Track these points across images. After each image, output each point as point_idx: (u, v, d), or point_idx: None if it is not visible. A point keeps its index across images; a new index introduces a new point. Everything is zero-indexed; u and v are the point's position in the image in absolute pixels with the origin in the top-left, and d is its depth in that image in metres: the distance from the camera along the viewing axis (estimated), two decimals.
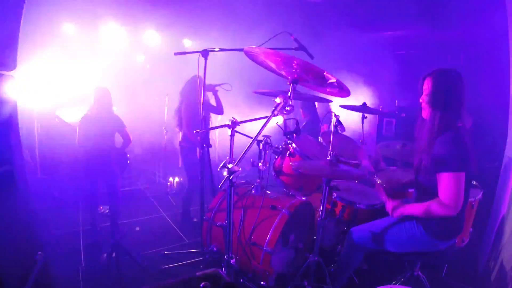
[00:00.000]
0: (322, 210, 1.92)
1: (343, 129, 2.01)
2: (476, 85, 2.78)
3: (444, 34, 3.41)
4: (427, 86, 1.68)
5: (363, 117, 2.85)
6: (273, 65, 1.65)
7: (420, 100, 1.73)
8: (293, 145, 2.24)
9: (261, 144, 2.25)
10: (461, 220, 1.72)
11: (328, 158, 1.87)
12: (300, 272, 2.08)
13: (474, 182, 2.34)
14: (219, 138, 5.84)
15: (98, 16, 4.56)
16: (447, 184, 1.53)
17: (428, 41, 3.58)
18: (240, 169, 1.37)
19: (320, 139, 2.65)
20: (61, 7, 4.10)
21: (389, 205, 1.81)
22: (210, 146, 2.52)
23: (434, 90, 1.64)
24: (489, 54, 2.99)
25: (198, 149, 3.10)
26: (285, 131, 2.25)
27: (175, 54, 2.44)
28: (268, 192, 2.30)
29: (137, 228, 3.41)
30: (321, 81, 1.64)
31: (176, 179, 4.92)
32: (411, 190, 2.24)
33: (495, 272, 2.19)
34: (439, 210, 1.56)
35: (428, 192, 1.65)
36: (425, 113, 1.72)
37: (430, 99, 1.66)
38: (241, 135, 2.02)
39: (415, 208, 1.69)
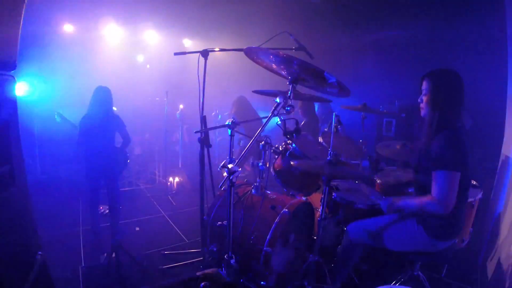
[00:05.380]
0: (322, 210, 1.92)
1: (344, 129, 2.01)
2: (474, 85, 2.78)
3: (443, 34, 3.41)
4: (426, 86, 1.69)
5: (363, 117, 2.85)
6: (273, 65, 1.65)
7: (419, 100, 1.74)
8: (293, 145, 2.24)
9: (260, 144, 2.26)
10: (460, 220, 1.73)
11: (328, 158, 1.87)
12: (300, 272, 2.07)
13: (474, 182, 2.34)
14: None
15: (98, 16, 4.56)
16: (440, 182, 1.54)
17: (427, 41, 3.58)
18: (240, 169, 1.37)
19: (320, 139, 2.65)
20: (61, 8, 4.10)
21: (384, 203, 1.82)
22: (210, 146, 2.52)
23: (432, 90, 1.65)
24: (487, 54, 2.99)
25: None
26: (285, 131, 2.25)
27: (175, 54, 2.44)
28: (268, 192, 2.30)
29: (137, 228, 3.41)
30: (321, 81, 1.64)
31: (176, 179, 4.93)
32: (411, 190, 2.24)
33: (493, 270, 2.20)
34: (430, 206, 1.57)
35: (427, 191, 1.65)
36: (424, 112, 1.72)
37: (429, 99, 1.67)
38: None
39: (409, 202, 1.71)
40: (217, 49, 2.37)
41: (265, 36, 1.97)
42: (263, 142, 2.25)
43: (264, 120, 1.51)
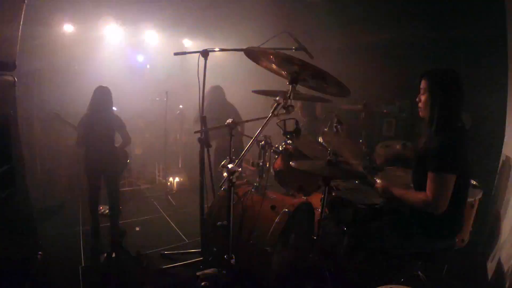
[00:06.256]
0: (322, 210, 1.92)
1: (344, 128, 2.02)
2: (475, 85, 2.78)
3: (444, 34, 3.41)
4: (424, 85, 1.68)
5: (363, 117, 2.85)
6: (273, 65, 1.65)
7: (417, 100, 1.73)
8: (293, 145, 2.24)
9: (261, 144, 2.26)
10: (459, 220, 1.72)
11: (328, 158, 1.87)
12: (300, 272, 2.07)
13: (474, 182, 2.34)
14: None
15: (98, 16, 4.56)
16: (435, 183, 1.54)
17: (428, 41, 3.58)
18: (240, 169, 1.37)
19: (320, 139, 2.65)
20: (61, 7, 4.10)
21: (379, 184, 1.83)
22: (210, 146, 2.52)
23: (431, 90, 1.65)
24: (487, 54, 2.99)
25: None
26: (285, 131, 2.25)
27: (175, 54, 2.44)
28: (268, 192, 2.30)
29: (137, 228, 3.41)
30: (320, 81, 1.64)
31: (176, 179, 4.92)
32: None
33: (493, 270, 2.19)
34: (422, 204, 1.58)
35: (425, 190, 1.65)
36: (422, 112, 1.72)
37: (427, 99, 1.66)
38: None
39: (404, 193, 1.71)
40: (217, 49, 2.38)
41: (265, 36, 1.97)
42: (263, 142, 2.26)
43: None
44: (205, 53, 2.27)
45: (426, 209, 1.57)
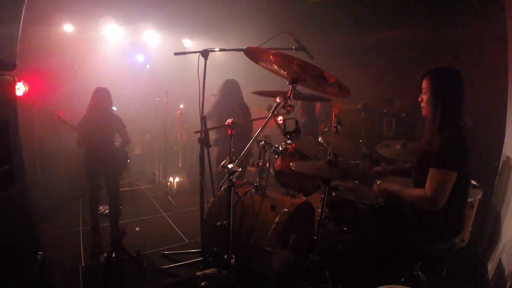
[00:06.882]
0: (322, 210, 1.92)
1: (344, 129, 2.02)
2: (475, 85, 2.78)
3: (444, 34, 3.41)
4: (426, 84, 1.68)
5: (363, 117, 2.85)
6: (273, 65, 1.65)
7: (419, 99, 1.73)
8: (293, 145, 2.24)
9: (261, 144, 2.26)
10: (460, 220, 1.72)
11: (328, 158, 1.87)
12: (300, 272, 2.07)
13: (474, 182, 2.34)
14: None
15: (98, 16, 4.56)
16: (434, 179, 1.53)
17: (428, 41, 3.58)
18: (240, 169, 1.37)
19: (320, 139, 2.65)
20: (61, 7, 4.10)
21: (376, 185, 1.82)
22: (210, 146, 2.52)
23: (433, 89, 1.65)
24: (487, 53, 2.99)
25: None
26: (285, 131, 2.25)
27: (175, 54, 2.45)
28: (268, 192, 2.30)
29: (137, 228, 3.40)
30: (321, 81, 1.64)
31: (176, 179, 4.92)
32: None
33: (493, 270, 2.19)
34: (420, 200, 1.57)
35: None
36: (425, 112, 1.72)
37: (429, 98, 1.66)
38: None
39: (400, 190, 1.70)
40: (217, 49, 2.38)
41: (265, 36, 1.97)
42: (263, 142, 2.26)
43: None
44: (205, 53, 2.28)
45: (424, 205, 1.56)
